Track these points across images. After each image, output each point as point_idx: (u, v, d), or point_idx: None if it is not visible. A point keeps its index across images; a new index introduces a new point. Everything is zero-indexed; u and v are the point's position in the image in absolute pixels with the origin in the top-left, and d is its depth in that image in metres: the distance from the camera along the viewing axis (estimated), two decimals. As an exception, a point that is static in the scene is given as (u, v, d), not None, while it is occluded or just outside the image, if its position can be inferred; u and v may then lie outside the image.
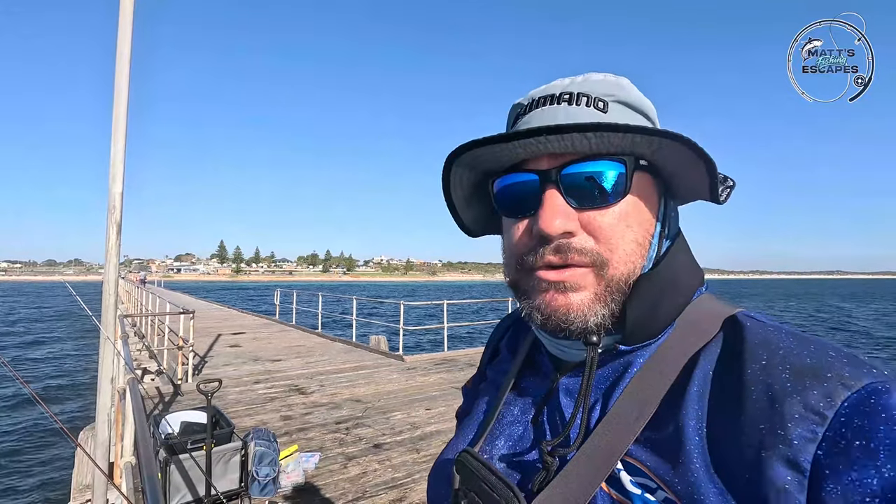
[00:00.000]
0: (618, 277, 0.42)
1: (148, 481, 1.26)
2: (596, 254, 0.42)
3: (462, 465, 0.47)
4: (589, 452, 0.41)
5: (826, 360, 0.35)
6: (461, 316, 28.35)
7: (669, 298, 0.44)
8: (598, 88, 0.44)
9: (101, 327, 2.62)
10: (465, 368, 7.00)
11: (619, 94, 0.44)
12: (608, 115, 0.43)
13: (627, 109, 0.45)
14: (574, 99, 0.44)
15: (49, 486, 6.57)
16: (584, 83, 0.45)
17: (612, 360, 0.45)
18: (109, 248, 2.97)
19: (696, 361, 0.40)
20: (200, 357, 7.79)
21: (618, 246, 0.42)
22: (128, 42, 2.89)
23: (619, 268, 0.42)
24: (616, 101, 0.44)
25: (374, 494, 3.12)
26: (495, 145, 0.43)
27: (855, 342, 20.65)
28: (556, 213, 0.41)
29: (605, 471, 0.39)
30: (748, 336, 0.39)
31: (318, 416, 4.74)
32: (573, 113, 0.43)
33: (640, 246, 0.43)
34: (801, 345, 0.37)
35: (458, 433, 0.59)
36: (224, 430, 3.04)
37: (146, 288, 18.35)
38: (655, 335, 0.43)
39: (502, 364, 0.61)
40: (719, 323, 0.42)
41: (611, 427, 0.41)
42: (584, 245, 0.42)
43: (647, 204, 0.44)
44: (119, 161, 2.95)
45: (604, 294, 0.42)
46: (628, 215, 0.43)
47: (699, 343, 0.42)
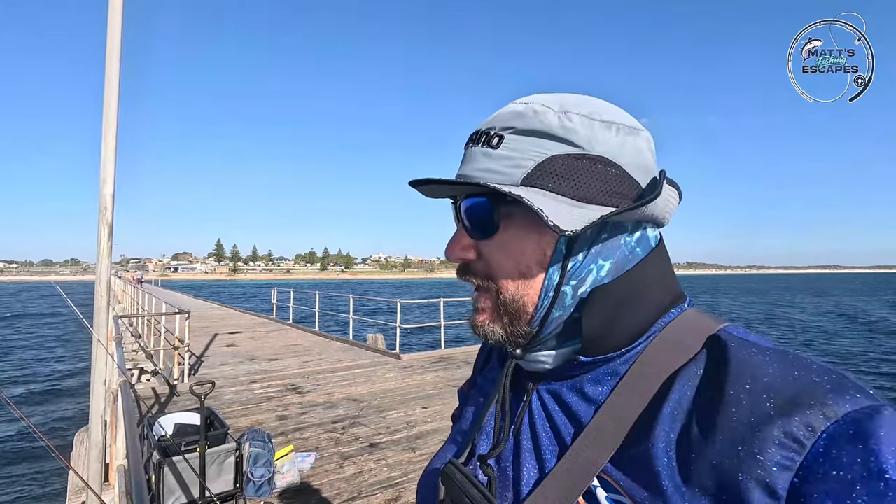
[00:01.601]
0: (508, 301, 0.46)
1: (135, 487, 1.26)
2: (484, 279, 0.47)
3: (447, 477, 0.48)
4: (567, 467, 0.41)
5: (809, 386, 0.35)
6: (461, 312, 28.40)
7: (629, 312, 0.44)
8: (502, 121, 0.46)
9: (92, 331, 2.61)
10: (462, 366, 7.01)
11: (519, 123, 0.45)
12: (499, 151, 0.45)
13: (527, 138, 0.44)
14: (478, 138, 0.47)
15: (46, 488, 6.56)
16: (495, 118, 0.47)
17: (577, 371, 0.46)
18: (101, 250, 2.95)
19: (675, 380, 0.40)
20: (197, 357, 7.78)
21: (499, 272, 0.46)
22: (117, 41, 2.87)
23: (506, 294, 0.46)
24: (513, 133, 0.45)
25: (370, 494, 3.12)
26: (419, 186, 0.49)
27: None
28: (455, 241, 0.48)
29: (583, 486, 0.40)
30: (731, 357, 0.39)
31: (315, 416, 4.75)
32: (472, 154, 0.47)
33: (524, 275, 0.45)
34: (784, 368, 0.36)
35: (447, 441, 0.60)
36: (218, 432, 3.04)
37: (143, 287, 18.30)
38: (618, 348, 0.44)
39: (492, 372, 0.62)
40: (702, 339, 0.42)
41: (589, 442, 0.41)
42: (476, 269, 0.48)
43: (528, 234, 0.45)
44: (110, 162, 2.93)
45: (500, 315, 0.47)
46: (506, 245, 0.46)
47: (680, 360, 0.42)
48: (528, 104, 0.45)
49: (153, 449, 2.80)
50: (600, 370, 0.45)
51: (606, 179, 0.44)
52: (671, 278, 0.48)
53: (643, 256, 0.47)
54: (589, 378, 0.45)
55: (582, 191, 0.43)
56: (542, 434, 0.46)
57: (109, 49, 2.86)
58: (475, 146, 0.46)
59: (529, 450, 0.46)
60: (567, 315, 0.45)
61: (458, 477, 0.46)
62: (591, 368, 0.45)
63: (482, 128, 0.47)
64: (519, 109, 0.45)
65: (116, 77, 2.90)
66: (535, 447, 0.46)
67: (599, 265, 0.45)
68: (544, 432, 0.46)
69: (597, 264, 0.45)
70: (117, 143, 2.97)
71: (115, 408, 3.12)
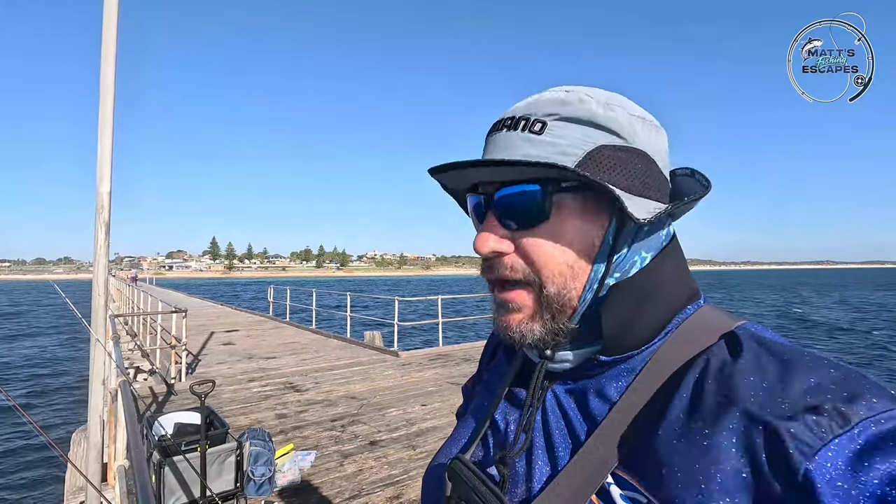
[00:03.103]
0: (552, 297, 0.43)
1: (140, 489, 1.25)
2: (526, 273, 0.44)
3: (453, 473, 0.47)
4: (580, 464, 0.41)
5: (824, 388, 0.34)
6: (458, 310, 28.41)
7: (649, 309, 0.44)
8: (543, 108, 0.44)
9: (90, 329, 2.59)
10: (461, 363, 7.02)
11: (564, 111, 0.43)
12: (542, 137, 0.43)
13: (571, 126, 0.43)
14: (515, 124, 0.44)
15: (43, 488, 6.53)
16: (533, 104, 0.45)
17: (596, 370, 0.45)
18: (98, 249, 2.92)
19: (687, 373, 0.40)
20: (194, 356, 7.75)
21: (545, 266, 0.43)
22: (113, 39, 2.83)
23: (551, 288, 0.43)
24: (557, 119, 0.43)
25: (371, 492, 3.12)
26: (441, 174, 0.47)
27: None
28: (488, 234, 0.44)
29: (596, 483, 0.40)
30: (744, 356, 0.39)
31: (314, 414, 4.74)
32: (509, 140, 0.44)
33: (571, 267, 0.43)
34: (800, 368, 0.36)
35: (452, 436, 0.59)
36: (218, 431, 3.03)
37: (137, 286, 18.19)
38: (638, 346, 0.44)
39: (499, 367, 0.61)
40: (716, 337, 0.42)
41: (603, 439, 0.41)
42: (513, 264, 0.44)
43: (580, 224, 0.43)
44: (106, 160, 2.90)
45: (541, 312, 0.44)
46: (555, 236, 0.43)
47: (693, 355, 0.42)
48: (570, 92, 0.45)
49: (153, 449, 2.79)
50: (618, 368, 0.45)
51: (647, 173, 0.44)
52: (686, 274, 0.48)
53: (660, 251, 0.47)
54: (606, 376, 0.45)
55: (629, 182, 0.43)
56: (556, 432, 0.46)
57: (105, 48, 2.82)
58: (512, 131, 0.44)
59: (542, 447, 0.46)
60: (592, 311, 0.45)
61: (465, 473, 0.46)
62: (609, 367, 0.45)
63: (517, 114, 0.45)
64: (562, 97, 0.44)
65: (112, 75, 2.87)
66: (547, 444, 0.46)
67: (643, 257, 0.45)
68: (558, 430, 0.46)
69: (640, 256, 0.45)
70: (114, 141, 2.94)
71: (115, 407, 3.10)
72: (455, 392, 5.45)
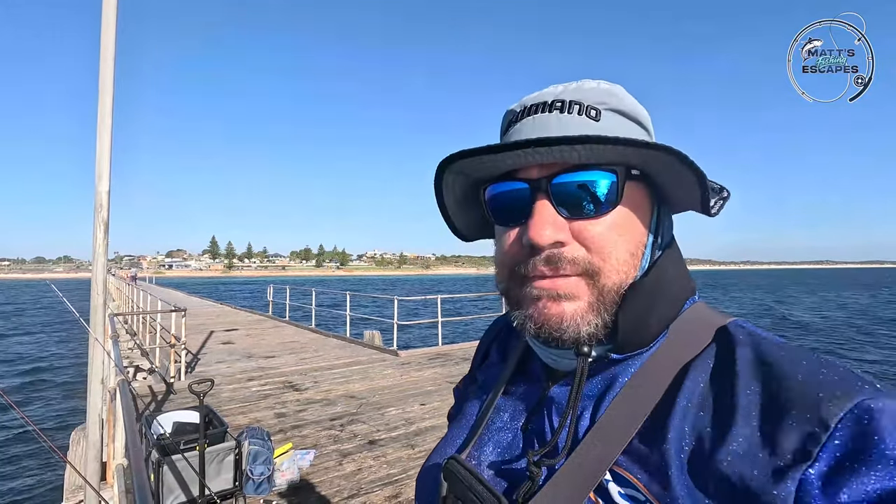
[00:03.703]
0: (610, 287, 0.42)
1: (138, 486, 1.25)
2: (588, 263, 0.42)
3: (449, 473, 0.47)
4: (578, 462, 0.41)
5: (819, 378, 0.35)
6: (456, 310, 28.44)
7: (660, 308, 0.44)
8: (591, 96, 0.44)
9: (89, 329, 2.59)
10: (460, 363, 7.02)
11: (612, 102, 0.44)
12: (600, 124, 0.43)
13: (620, 117, 0.44)
14: (566, 107, 0.43)
15: (41, 487, 6.53)
16: (577, 91, 0.44)
17: (604, 369, 0.45)
18: (97, 248, 2.92)
19: (687, 373, 0.40)
20: (193, 354, 7.75)
21: (610, 255, 0.42)
22: (112, 37, 2.83)
23: (612, 277, 0.42)
24: (609, 110, 0.44)
25: (370, 491, 3.12)
26: (485, 156, 0.42)
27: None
28: (546, 223, 0.41)
29: (594, 481, 0.40)
30: (741, 351, 0.39)
31: (313, 413, 4.74)
32: (565, 122, 0.43)
33: (633, 255, 0.43)
34: (794, 361, 0.37)
35: (447, 436, 0.59)
36: (217, 430, 3.02)
37: (137, 285, 18.19)
38: (646, 344, 0.43)
39: (492, 368, 0.61)
40: (711, 333, 0.43)
41: (600, 437, 0.41)
42: (575, 255, 0.42)
43: (639, 213, 0.44)
44: (105, 158, 2.91)
45: (597, 303, 0.42)
46: (620, 225, 0.42)
47: (692, 353, 0.42)
48: (611, 85, 0.45)
49: (152, 447, 2.79)
50: (623, 365, 0.44)
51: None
52: (686, 271, 0.48)
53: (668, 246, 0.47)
54: (610, 373, 0.45)
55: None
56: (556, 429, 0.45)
57: (104, 46, 2.82)
58: (567, 114, 0.42)
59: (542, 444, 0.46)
60: None
61: (461, 472, 0.45)
62: (615, 364, 0.45)
63: (566, 97, 0.43)
64: (607, 88, 0.45)
65: (111, 73, 2.86)
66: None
67: (657, 252, 0.46)
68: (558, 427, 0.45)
69: (658, 249, 0.46)
70: (112, 140, 2.94)
71: (114, 406, 3.10)
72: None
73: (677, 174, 0.41)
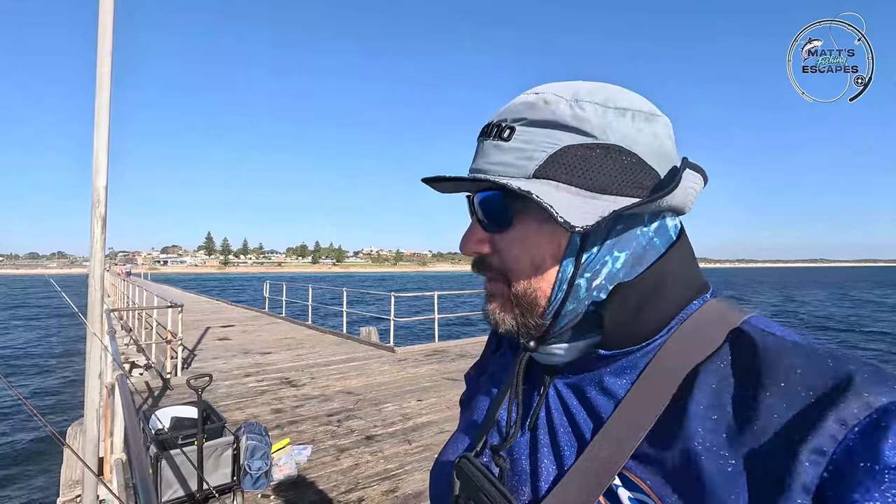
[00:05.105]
0: (521, 293, 0.46)
1: (140, 482, 1.26)
2: (500, 270, 0.47)
3: (461, 472, 0.47)
4: (587, 465, 0.40)
5: (845, 379, 0.34)
6: (453, 307, 28.43)
7: (654, 305, 0.43)
8: (513, 113, 0.45)
9: (87, 324, 2.58)
10: (457, 359, 7.04)
11: (529, 114, 0.44)
12: (511, 142, 0.44)
13: (536, 130, 0.43)
14: (489, 131, 0.46)
15: (38, 482, 6.51)
16: (506, 109, 0.46)
17: (596, 364, 0.45)
18: (94, 243, 2.91)
19: (699, 375, 0.39)
20: (189, 350, 7.74)
21: (513, 265, 0.46)
22: (109, 32, 2.81)
23: (518, 285, 0.46)
24: (524, 124, 0.44)
25: (367, 486, 3.15)
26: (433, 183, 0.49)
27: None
28: (470, 236, 0.48)
29: (603, 485, 0.39)
30: (760, 352, 0.38)
31: (310, 409, 4.75)
32: (484, 147, 0.46)
33: (538, 267, 0.45)
34: (817, 362, 0.35)
35: (458, 431, 0.59)
36: (215, 425, 3.03)
37: (132, 280, 18.11)
38: (640, 341, 0.43)
39: (503, 357, 0.61)
40: (725, 332, 0.41)
41: (608, 439, 0.40)
42: (492, 262, 0.47)
43: (543, 227, 0.44)
44: (102, 153, 2.89)
45: (511, 305, 0.47)
46: (521, 239, 0.45)
47: (702, 354, 0.40)
48: (539, 94, 0.44)
49: (150, 442, 2.80)
50: (620, 363, 0.44)
51: (622, 168, 0.42)
52: (694, 269, 0.47)
53: (663, 247, 0.46)
54: (608, 372, 0.44)
55: (596, 181, 0.42)
56: (560, 429, 0.45)
57: (101, 41, 2.80)
58: (487, 139, 0.46)
59: (547, 445, 0.46)
60: (582, 308, 0.44)
61: (473, 472, 0.46)
62: (611, 362, 0.44)
63: (493, 120, 0.46)
64: (530, 100, 0.44)
65: (108, 68, 2.85)
66: (552, 442, 0.45)
67: (615, 257, 0.44)
68: (562, 427, 0.45)
69: (612, 256, 0.44)
70: (110, 135, 2.92)
71: (111, 401, 3.10)
72: (450, 387, 5.47)
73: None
